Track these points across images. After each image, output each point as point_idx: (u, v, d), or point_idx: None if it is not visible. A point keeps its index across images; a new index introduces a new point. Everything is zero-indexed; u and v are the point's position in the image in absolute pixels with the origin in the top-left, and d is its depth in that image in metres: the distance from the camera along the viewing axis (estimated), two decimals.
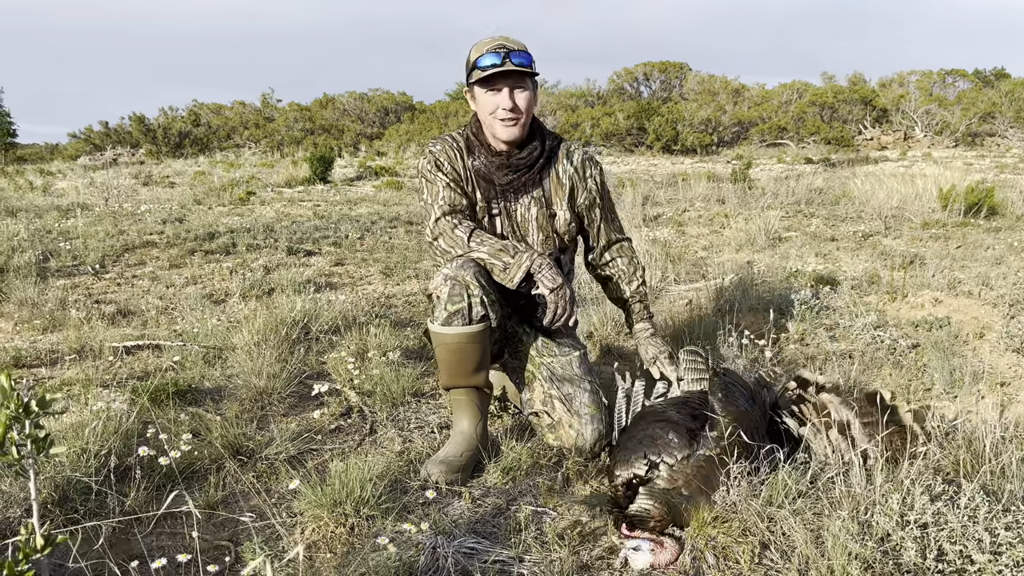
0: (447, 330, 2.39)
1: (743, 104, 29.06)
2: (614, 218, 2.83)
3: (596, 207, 2.74)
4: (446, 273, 2.41)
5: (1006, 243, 6.82)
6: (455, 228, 2.47)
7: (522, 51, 2.44)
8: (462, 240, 2.44)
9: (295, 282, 4.91)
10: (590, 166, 2.72)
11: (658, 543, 1.90)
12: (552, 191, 2.63)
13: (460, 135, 2.61)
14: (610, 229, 2.81)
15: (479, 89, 2.48)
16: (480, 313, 2.38)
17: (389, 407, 2.91)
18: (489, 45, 2.43)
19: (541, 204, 2.61)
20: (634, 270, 2.82)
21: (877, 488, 1.84)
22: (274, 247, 6.43)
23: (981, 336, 3.83)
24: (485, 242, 2.44)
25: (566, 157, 2.67)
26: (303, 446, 2.58)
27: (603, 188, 2.76)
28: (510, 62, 2.40)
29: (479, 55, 2.43)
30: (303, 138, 26.36)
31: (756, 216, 8.04)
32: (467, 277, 2.36)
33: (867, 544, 1.64)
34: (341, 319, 3.90)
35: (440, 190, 2.52)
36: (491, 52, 2.41)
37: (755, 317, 4.05)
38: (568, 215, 2.65)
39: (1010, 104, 26.95)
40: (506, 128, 2.48)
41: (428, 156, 2.57)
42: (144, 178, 14.06)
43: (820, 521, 1.82)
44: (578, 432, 2.44)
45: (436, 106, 29.70)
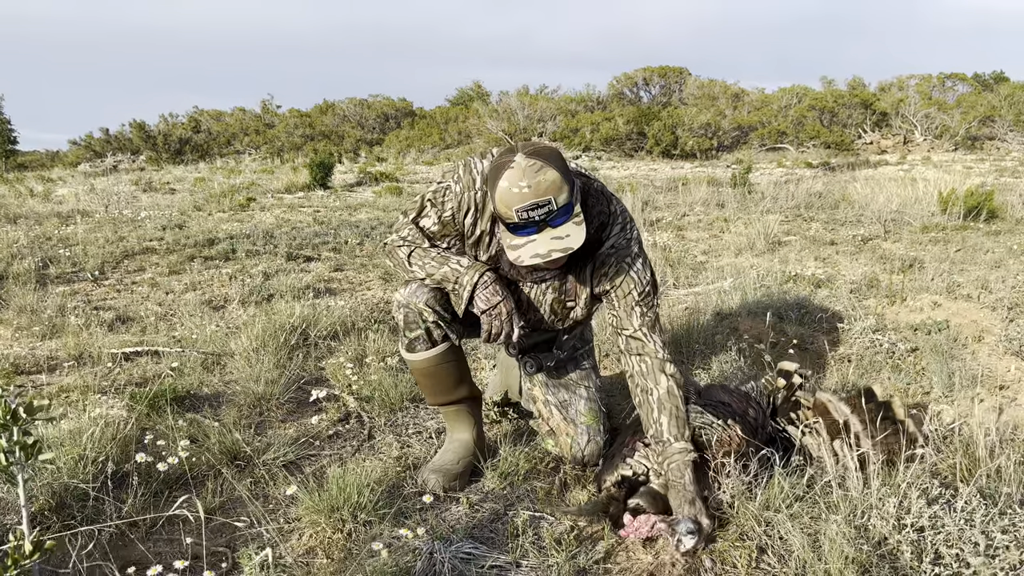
0: (413, 356, 2.35)
1: (743, 109, 29.08)
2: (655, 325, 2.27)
3: (629, 305, 2.25)
4: (399, 300, 2.31)
5: (1005, 246, 6.81)
6: (401, 246, 2.26)
7: (565, 204, 1.95)
8: (402, 261, 2.26)
9: (294, 288, 4.91)
10: (633, 272, 2.23)
11: (700, 524, 1.91)
12: (574, 288, 2.31)
13: (477, 182, 2.17)
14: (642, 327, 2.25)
15: (505, 229, 2.04)
16: (440, 335, 2.32)
17: (387, 413, 2.91)
18: (520, 203, 1.92)
19: (559, 293, 2.31)
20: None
21: (874, 492, 1.84)
22: (274, 253, 6.43)
23: (980, 339, 3.83)
24: (426, 265, 2.21)
25: (604, 262, 2.23)
26: (301, 452, 2.58)
27: (644, 291, 2.25)
28: (550, 228, 1.97)
29: (509, 211, 1.94)
30: (303, 144, 26.40)
31: (756, 220, 8.04)
32: (419, 304, 2.27)
33: (863, 548, 1.64)
34: (340, 325, 3.91)
35: (431, 218, 2.24)
36: (525, 212, 1.92)
37: (754, 321, 4.05)
38: (586, 309, 2.36)
39: (1009, 108, 26.96)
40: (548, 265, 2.14)
41: (444, 186, 2.21)
42: (144, 185, 14.07)
43: (817, 525, 1.82)
44: (573, 441, 2.42)
45: (436, 112, 29.73)
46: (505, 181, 1.93)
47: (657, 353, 2.21)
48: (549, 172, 1.93)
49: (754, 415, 2.27)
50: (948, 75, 32.26)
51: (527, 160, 1.93)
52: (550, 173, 1.93)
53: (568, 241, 1.98)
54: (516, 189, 1.92)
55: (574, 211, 1.99)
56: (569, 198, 1.98)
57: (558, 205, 1.95)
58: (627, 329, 2.24)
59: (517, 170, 1.92)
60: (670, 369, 2.21)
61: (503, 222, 2.00)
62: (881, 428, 2.14)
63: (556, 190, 1.93)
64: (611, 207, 2.19)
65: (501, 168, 1.95)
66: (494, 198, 1.97)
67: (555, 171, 1.94)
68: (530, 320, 2.36)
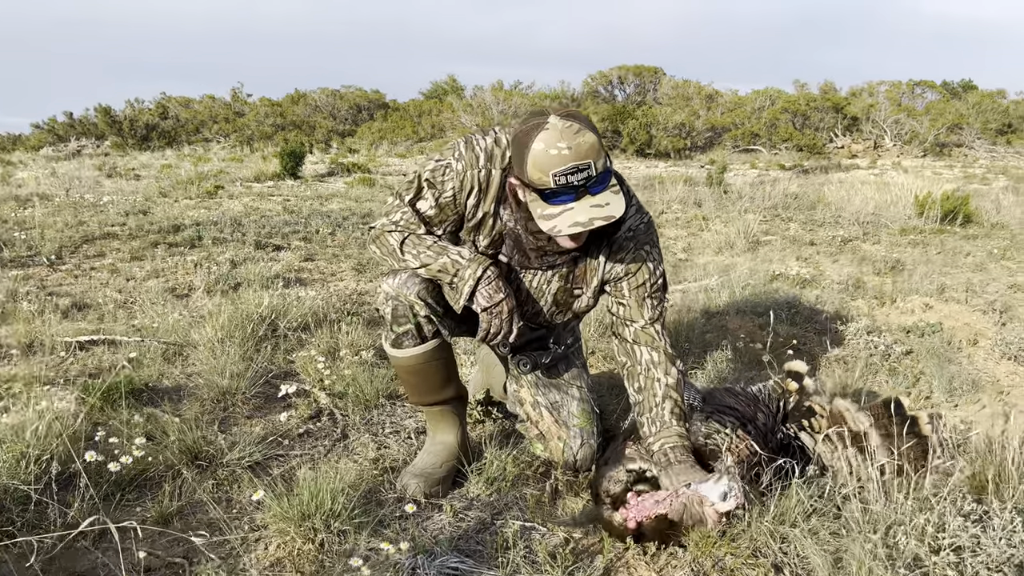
0: (400, 352, 2.16)
1: (716, 110, 29.13)
2: (658, 308, 2.13)
3: (641, 296, 2.11)
4: (387, 291, 2.10)
5: (985, 250, 6.79)
6: (392, 231, 2.04)
7: (603, 170, 1.80)
8: (393, 249, 2.04)
9: (263, 277, 4.69)
10: (650, 261, 2.10)
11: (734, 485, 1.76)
12: (583, 274, 2.13)
13: (481, 160, 1.98)
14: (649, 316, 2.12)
15: (538, 197, 1.84)
16: (431, 330, 2.14)
17: (362, 410, 2.72)
18: (559, 166, 1.74)
19: (565, 281, 2.14)
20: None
21: (899, 507, 1.69)
22: (241, 241, 6.18)
23: (975, 343, 3.72)
24: (421, 254, 2.01)
25: (621, 247, 2.07)
26: (268, 451, 2.38)
27: (656, 283, 2.12)
28: (589, 195, 1.79)
29: (545, 176, 1.76)
30: (274, 133, 25.96)
31: (734, 219, 7.95)
32: (411, 296, 2.06)
33: (899, 571, 1.48)
34: (311, 316, 3.70)
35: (428, 200, 2.03)
36: (563, 176, 1.74)
37: (743, 320, 3.91)
38: (592, 299, 2.18)
39: (977, 116, 27.32)
40: (570, 243, 1.96)
41: (440, 164, 2.02)
42: (108, 170, 13.65)
43: (839, 542, 1.66)
44: (566, 445, 2.23)
45: (410, 105, 29.43)
46: (540, 143, 1.75)
47: (667, 349, 2.09)
48: (588, 135, 1.77)
49: (763, 420, 2.11)
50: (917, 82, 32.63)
51: (563, 121, 1.76)
52: (589, 135, 1.77)
53: (609, 209, 1.80)
54: (555, 151, 1.74)
55: (611, 179, 1.84)
56: (607, 164, 1.83)
57: (597, 171, 1.78)
58: (636, 321, 2.09)
59: (553, 131, 1.75)
60: (678, 365, 2.10)
61: (534, 189, 1.81)
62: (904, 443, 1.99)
63: (596, 154, 1.77)
64: (624, 185, 2.02)
65: (533, 130, 1.77)
66: (525, 162, 1.78)
67: (593, 134, 1.78)
68: (526, 312, 2.17)
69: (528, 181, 1.81)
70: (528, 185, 1.82)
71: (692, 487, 1.80)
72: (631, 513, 1.84)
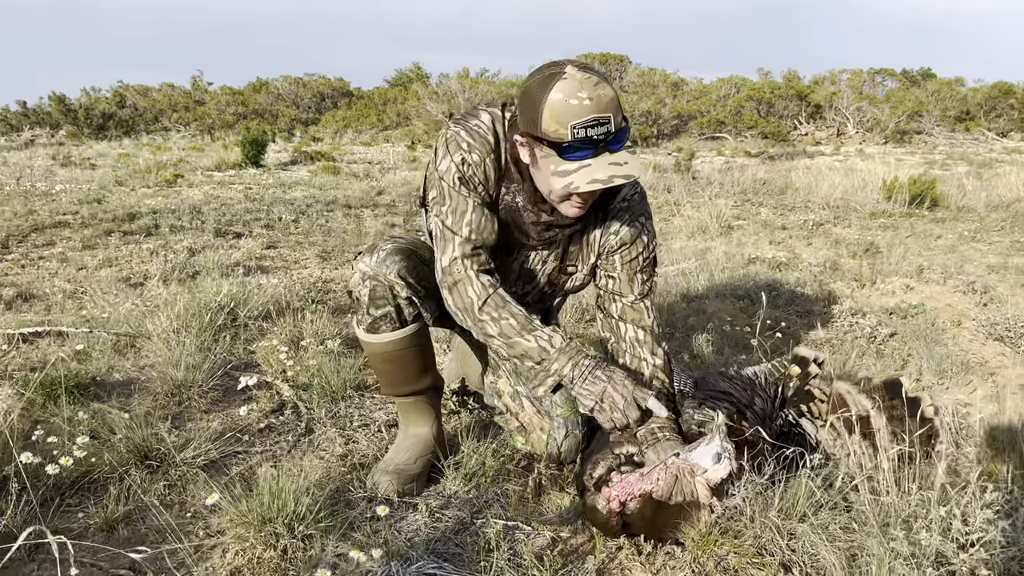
0: (375, 338, 1.98)
1: (682, 98, 29.16)
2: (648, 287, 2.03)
3: (633, 270, 2.00)
4: (364, 270, 1.93)
5: (955, 233, 6.79)
6: (472, 282, 1.81)
7: (621, 127, 1.66)
8: (471, 305, 1.81)
9: (222, 265, 4.48)
10: (644, 234, 1.99)
11: (726, 447, 1.62)
12: (578, 252, 2.02)
13: (492, 142, 1.83)
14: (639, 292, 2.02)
15: (552, 152, 1.68)
16: (412, 314, 1.98)
17: (328, 402, 2.54)
18: (578, 117, 1.60)
19: (561, 260, 2.02)
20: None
21: (912, 497, 1.56)
22: (201, 229, 5.94)
23: (959, 324, 3.64)
24: (503, 324, 1.79)
25: (615, 217, 1.96)
26: (226, 448, 2.19)
27: (649, 257, 2.02)
28: (608, 152, 1.65)
29: (562, 129, 1.62)
30: (235, 122, 25.46)
31: (705, 204, 7.87)
32: (390, 276, 1.90)
33: (925, 570, 1.35)
34: (273, 304, 3.51)
35: (469, 210, 1.82)
36: (583, 129, 1.60)
37: (723, 304, 3.78)
38: (587, 276, 2.07)
39: (936, 103, 27.68)
40: (575, 209, 1.81)
41: (458, 163, 1.81)
42: (63, 159, 13.23)
43: (851, 537, 1.53)
44: (549, 437, 2.07)
45: (374, 92, 29.07)
46: (559, 92, 1.61)
47: (653, 328, 1.97)
48: (607, 87, 1.63)
49: (761, 405, 1.97)
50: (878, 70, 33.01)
51: (581, 72, 1.62)
52: (608, 89, 1.63)
53: (628, 168, 1.65)
54: (575, 100, 1.60)
55: (627, 138, 1.69)
56: (624, 122, 1.68)
57: (616, 126, 1.64)
58: (625, 296, 1.98)
59: (572, 81, 1.60)
60: (664, 346, 2.00)
61: (548, 143, 1.65)
62: (906, 425, 1.86)
63: (615, 108, 1.63)
64: None
65: (550, 80, 1.63)
66: (540, 113, 1.62)
67: (611, 88, 1.64)
68: (515, 293, 2.00)
69: (542, 134, 1.65)
70: (540, 139, 1.66)
71: (681, 456, 1.66)
72: (614, 491, 1.69)
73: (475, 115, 1.85)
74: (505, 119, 1.83)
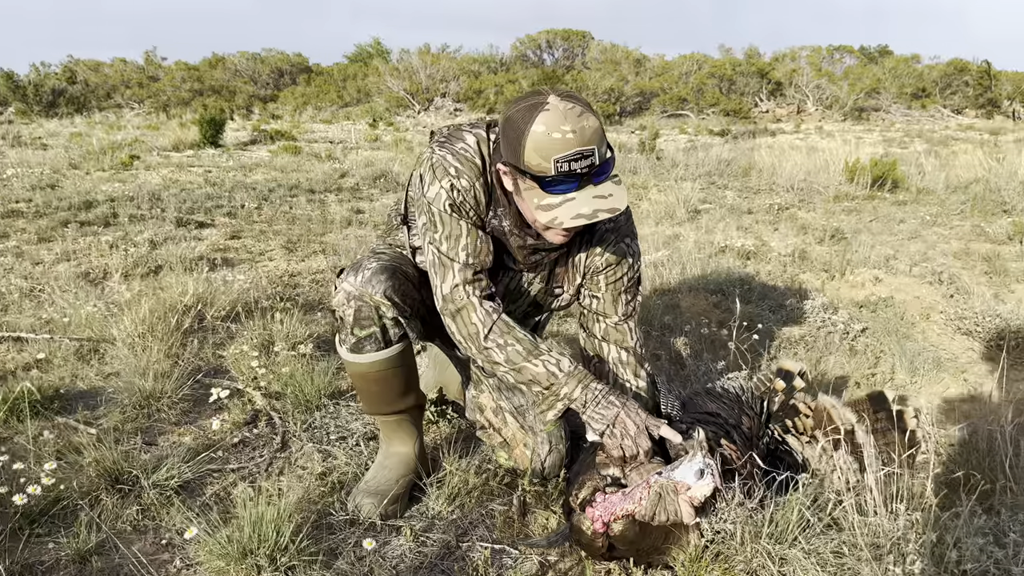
0: (360, 358, 1.93)
1: (645, 75, 29.17)
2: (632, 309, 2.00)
3: (617, 291, 1.96)
4: (348, 290, 1.87)
5: (917, 217, 6.86)
6: (475, 309, 1.77)
7: (606, 159, 1.63)
8: (476, 333, 1.77)
9: (186, 259, 4.37)
10: (629, 255, 1.95)
11: (709, 462, 1.61)
12: (564, 274, 1.99)
13: (480, 166, 1.78)
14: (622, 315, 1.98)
15: (535, 185, 1.63)
16: (398, 334, 1.93)
17: (302, 412, 2.48)
18: (562, 151, 1.55)
19: (547, 283, 1.99)
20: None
21: (899, 517, 1.55)
22: (161, 218, 5.80)
23: (927, 317, 3.68)
24: (510, 350, 1.75)
25: (601, 238, 1.92)
26: (200, 468, 2.12)
27: (634, 277, 1.99)
28: (592, 184, 1.61)
29: (545, 163, 1.57)
30: (191, 99, 24.95)
31: (672, 188, 7.88)
32: (376, 296, 1.85)
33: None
34: (241, 303, 3.42)
35: (464, 235, 1.77)
36: (566, 163, 1.55)
37: (695, 298, 3.78)
38: (572, 297, 2.03)
39: (893, 80, 28.08)
40: (560, 237, 1.77)
41: (447, 189, 1.75)
42: (12, 139, 12.84)
43: (842, 562, 1.52)
44: (534, 453, 2.03)
45: (334, 68, 28.65)
46: (541, 125, 1.56)
47: (637, 349, 1.94)
48: (591, 118, 1.59)
49: (748, 424, 1.95)
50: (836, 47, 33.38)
51: (564, 102, 1.58)
52: (592, 119, 1.59)
53: (613, 201, 1.61)
54: (558, 135, 1.55)
55: (612, 168, 1.65)
56: (609, 152, 1.64)
57: (600, 158, 1.60)
58: (609, 317, 1.95)
59: (555, 113, 1.56)
60: (647, 367, 1.98)
61: (531, 176, 1.61)
62: (891, 438, 1.87)
63: (599, 140, 1.59)
64: None
65: (532, 111, 1.58)
66: (522, 146, 1.58)
67: (595, 118, 1.60)
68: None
69: (525, 167, 1.60)
70: (524, 172, 1.62)
71: (664, 474, 1.64)
72: (597, 512, 1.66)
73: (459, 137, 1.80)
74: (490, 141, 1.78)
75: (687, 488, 1.61)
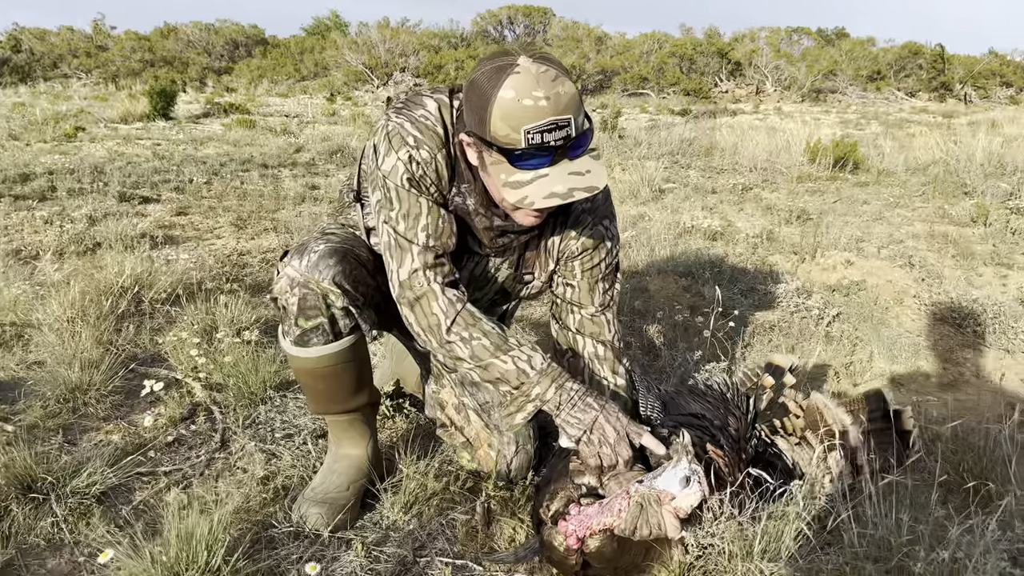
0: (305, 352, 1.71)
1: (606, 52, 29.00)
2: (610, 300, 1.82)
3: (594, 279, 1.78)
4: (292, 276, 1.66)
5: (880, 198, 6.82)
6: (436, 298, 1.58)
7: (583, 130, 1.43)
8: (437, 326, 1.58)
9: (127, 236, 4.10)
10: (608, 239, 1.77)
11: (695, 469, 1.45)
12: (535, 259, 1.80)
13: (441, 135, 1.57)
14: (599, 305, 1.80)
15: (503, 159, 1.43)
16: (348, 325, 1.72)
17: (246, 406, 2.28)
18: (533, 121, 1.35)
19: (516, 268, 1.80)
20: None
21: (905, 530, 1.41)
22: (103, 192, 5.48)
23: (901, 302, 3.58)
24: (475, 345, 1.56)
25: (577, 220, 1.73)
26: (128, 471, 1.91)
27: (612, 264, 1.81)
28: (567, 159, 1.42)
29: (514, 133, 1.36)
30: (142, 70, 24.20)
31: (635, 167, 7.74)
32: (323, 283, 1.63)
33: None
34: (183, 285, 3.19)
35: (423, 213, 1.57)
36: (538, 134, 1.35)
37: (664, 281, 3.63)
38: (543, 284, 1.84)
39: (850, 63, 28.32)
40: (531, 219, 1.57)
41: (405, 161, 1.54)
42: None
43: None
44: (499, 454, 1.85)
45: (291, 41, 28.00)
46: (510, 90, 1.35)
47: (615, 343, 1.76)
48: (567, 83, 1.38)
49: (735, 426, 1.80)
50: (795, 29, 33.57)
51: (536, 64, 1.37)
52: (568, 85, 1.38)
53: (591, 179, 1.42)
54: (529, 101, 1.35)
55: (590, 142, 1.45)
56: (587, 123, 1.44)
57: (576, 129, 1.39)
58: (584, 307, 1.77)
59: (526, 76, 1.35)
60: (626, 363, 1.80)
61: (498, 149, 1.40)
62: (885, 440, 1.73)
63: (576, 108, 1.39)
64: None
65: (499, 74, 1.37)
66: (488, 114, 1.37)
67: (571, 83, 1.39)
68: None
69: (491, 138, 1.40)
70: (490, 144, 1.41)
71: (644, 482, 1.48)
72: (571, 526, 1.50)
73: (419, 103, 1.59)
74: (453, 107, 1.58)
75: (671, 498, 1.45)
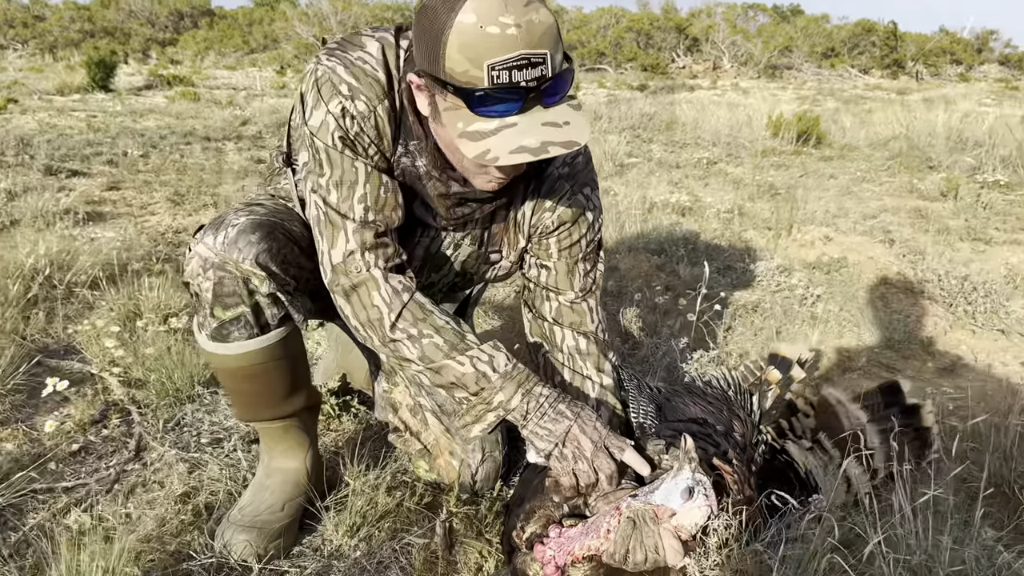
0: (224, 348, 1.41)
1: (563, 27, 28.63)
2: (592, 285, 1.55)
3: (573, 259, 1.50)
4: (205, 256, 1.35)
5: (847, 173, 6.70)
6: (378, 286, 1.31)
7: (563, 69, 1.15)
8: (379, 320, 1.32)
9: (48, 212, 3.74)
10: (589, 210, 1.50)
11: (700, 479, 1.19)
12: (503, 234, 1.52)
13: (384, 82, 1.27)
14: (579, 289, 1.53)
15: (460, 104, 1.14)
16: (277, 315, 1.41)
17: (170, 405, 1.98)
18: (500, 54, 1.06)
19: (479, 245, 1.52)
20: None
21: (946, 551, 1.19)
22: (28, 165, 5.07)
23: (885, 280, 3.38)
24: (423, 335, 1.31)
25: (553, 188, 1.45)
26: (21, 488, 1.61)
27: (595, 240, 1.54)
28: (541, 106, 1.13)
29: (475, 69, 1.08)
30: (81, 41, 23.24)
31: (597, 141, 7.52)
32: (244, 264, 1.33)
33: None
34: (104, 267, 2.86)
35: (360, 180, 1.29)
36: (506, 71, 1.07)
37: (636, 259, 3.39)
38: (512, 265, 1.57)
39: (805, 39, 28.44)
40: (493, 184, 1.30)
41: (337, 115, 1.25)
42: None
43: None
44: (463, 463, 1.59)
45: (239, 12, 27.17)
46: (471, 14, 1.06)
47: (598, 333, 1.50)
48: (542, 10, 1.09)
49: (741, 430, 1.54)
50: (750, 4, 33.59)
51: None
52: (544, 12, 1.10)
53: (570, 132, 1.13)
54: (495, 29, 1.06)
55: (570, 87, 1.17)
56: (566, 63, 1.16)
57: (554, 69, 1.11)
58: (562, 293, 1.50)
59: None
60: (613, 358, 1.54)
61: (455, 90, 1.12)
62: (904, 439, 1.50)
63: (553, 43, 1.11)
64: None
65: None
66: (443, 45, 1.09)
67: (548, 12, 1.11)
68: (418, 285, 1.41)
69: (446, 76, 1.11)
70: (444, 84, 1.12)
71: (638, 497, 1.23)
72: (549, 551, 1.24)
73: (356, 44, 1.29)
74: (400, 49, 1.28)
75: (671, 514, 1.19)
